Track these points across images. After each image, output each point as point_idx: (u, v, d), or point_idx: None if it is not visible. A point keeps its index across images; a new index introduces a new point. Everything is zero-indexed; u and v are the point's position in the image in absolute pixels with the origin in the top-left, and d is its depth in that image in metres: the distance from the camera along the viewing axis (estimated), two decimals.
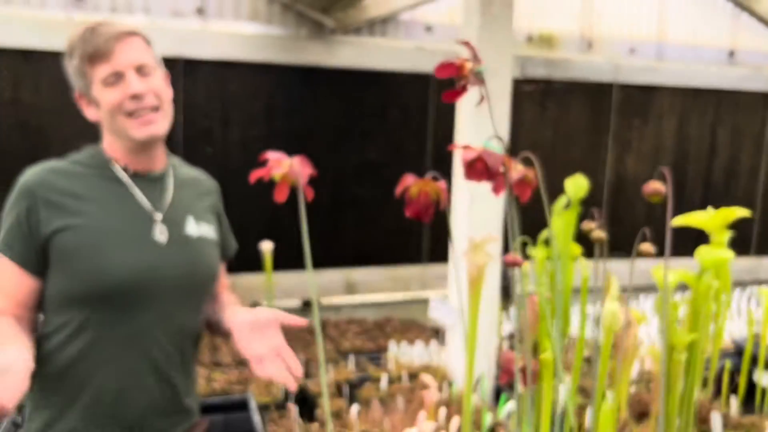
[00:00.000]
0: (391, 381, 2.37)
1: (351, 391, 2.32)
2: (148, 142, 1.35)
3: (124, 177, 1.36)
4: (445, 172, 1.38)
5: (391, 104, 3.73)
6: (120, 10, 3.28)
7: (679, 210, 2.08)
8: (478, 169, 1.21)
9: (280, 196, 1.29)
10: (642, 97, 4.16)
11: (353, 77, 3.64)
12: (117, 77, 1.29)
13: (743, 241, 4.49)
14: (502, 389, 2.25)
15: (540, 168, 1.28)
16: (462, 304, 1.48)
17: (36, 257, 1.28)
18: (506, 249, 1.31)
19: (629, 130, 4.18)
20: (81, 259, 1.27)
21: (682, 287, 1.96)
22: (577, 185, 2.32)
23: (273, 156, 1.30)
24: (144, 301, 1.31)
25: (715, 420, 2.02)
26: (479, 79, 1.24)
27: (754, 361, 2.30)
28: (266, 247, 2.33)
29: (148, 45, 1.36)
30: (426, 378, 1.50)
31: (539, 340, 1.42)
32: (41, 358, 1.31)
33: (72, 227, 1.28)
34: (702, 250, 1.90)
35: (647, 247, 1.41)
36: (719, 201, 3.04)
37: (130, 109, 1.31)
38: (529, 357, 1.36)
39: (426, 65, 3.70)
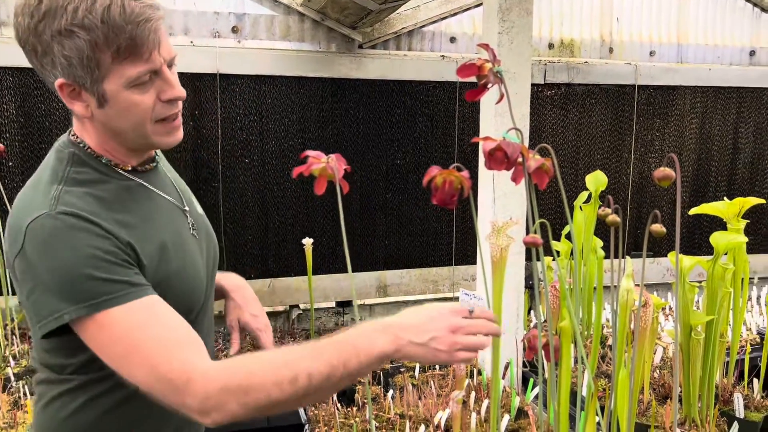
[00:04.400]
0: (423, 370, 2.49)
1: (386, 379, 2.45)
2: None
3: (141, 180, 1.16)
4: (473, 173, 1.48)
5: (418, 112, 3.88)
6: None
7: None
8: (498, 158, 1.33)
9: (319, 189, 1.44)
10: (663, 98, 4.23)
11: (381, 88, 3.80)
12: (152, 76, 1.05)
13: None
14: (529, 376, 2.36)
15: (562, 168, 1.38)
16: (489, 294, 1.60)
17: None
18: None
19: (651, 130, 4.25)
20: (167, 290, 1.09)
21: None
22: (597, 180, 2.46)
23: (312, 153, 1.46)
24: (205, 302, 1.24)
25: (738, 400, 2.10)
26: (498, 78, 1.38)
27: None
28: (307, 242, 2.48)
29: None
30: None
31: (560, 314, 1.53)
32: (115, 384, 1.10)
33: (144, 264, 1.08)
34: (717, 235, 2.00)
35: (658, 227, 1.51)
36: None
37: (164, 115, 1.09)
38: (552, 335, 1.48)
39: (451, 74, 3.84)
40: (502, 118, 2.25)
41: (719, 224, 2.19)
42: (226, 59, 3.54)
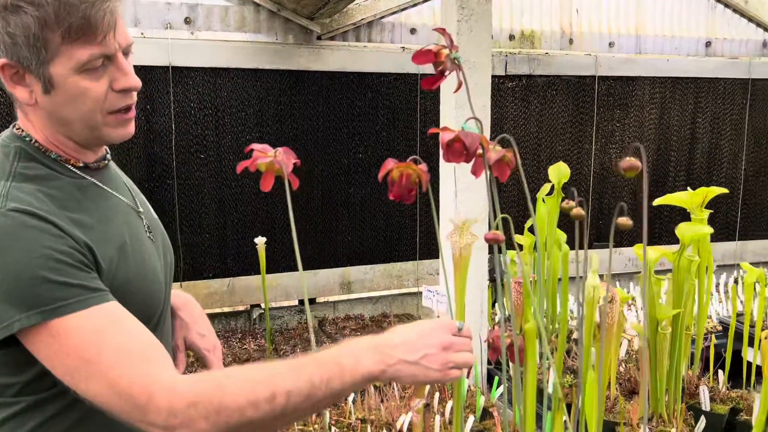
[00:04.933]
0: None
1: None
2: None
3: (93, 179, 1.07)
4: (434, 166, 1.42)
5: (379, 105, 3.80)
6: None
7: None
8: (457, 149, 1.26)
9: (266, 186, 1.33)
10: (623, 89, 4.24)
11: (341, 80, 3.71)
12: (105, 61, 0.97)
13: (728, 226, 4.58)
14: (495, 373, 2.31)
15: (524, 160, 1.33)
16: (450, 291, 1.53)
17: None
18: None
19: (612, 121, 4.26)
20: (125, 296, 1.00)
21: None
22: (559, 171, 2.42)
23: (258, 147, 1.35)
24: (164, 310, 1.17)
25: (704, 393, 2.08)
26: (456, 65, 1.30)
27: (739, 336, 2.36)
28: (260, 241, 2.39)
29: None
30: None
31: (525, 316, 1.47)
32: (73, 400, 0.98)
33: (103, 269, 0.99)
34: (682, 227, 1.97)
35: (625, 221, 1.46)
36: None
37: (117, 107, 1.01)
38: (516, 334, 1.42)
39: (411, 66, 3.77)
40: (462, 110, 2.19)
41: (679, 213, 2.16)
42: (179, 51, 3.40)
